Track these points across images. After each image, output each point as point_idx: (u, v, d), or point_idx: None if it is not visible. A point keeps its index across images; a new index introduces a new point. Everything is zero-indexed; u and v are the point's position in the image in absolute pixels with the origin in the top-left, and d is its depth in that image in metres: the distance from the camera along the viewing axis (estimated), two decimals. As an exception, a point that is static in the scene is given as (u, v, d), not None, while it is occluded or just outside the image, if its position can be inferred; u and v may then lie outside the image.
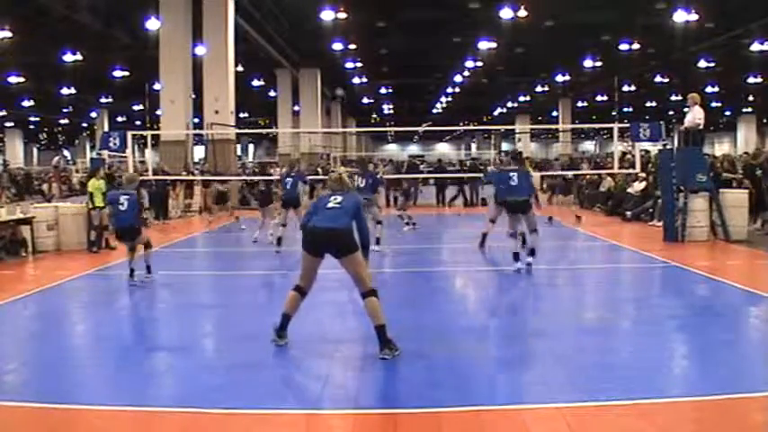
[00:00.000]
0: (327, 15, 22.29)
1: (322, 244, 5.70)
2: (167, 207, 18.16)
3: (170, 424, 4.40)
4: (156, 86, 24.15)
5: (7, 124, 50.63)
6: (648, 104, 48.70)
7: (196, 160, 24.38)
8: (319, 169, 29.85)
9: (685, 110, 13.75)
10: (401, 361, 5.47)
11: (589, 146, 67.81)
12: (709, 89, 38.13)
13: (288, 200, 11.98)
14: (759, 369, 5.26)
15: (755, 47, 26.13)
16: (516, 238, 9.43)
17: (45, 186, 26.81)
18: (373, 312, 5.56)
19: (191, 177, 19.42)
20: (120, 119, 47.64)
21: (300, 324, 6.87)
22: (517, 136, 50.37)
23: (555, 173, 16.06)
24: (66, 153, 54.73)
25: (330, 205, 5.75)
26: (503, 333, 6.40)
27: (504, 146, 52.83)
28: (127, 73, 30.27)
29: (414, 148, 71.20)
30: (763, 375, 5.07)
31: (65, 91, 35.36)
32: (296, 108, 37.51)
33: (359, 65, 33.98)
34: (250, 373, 5.26)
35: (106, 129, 39.92)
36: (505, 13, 22.06)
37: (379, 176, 12.40)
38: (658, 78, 36.68)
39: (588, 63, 31.83)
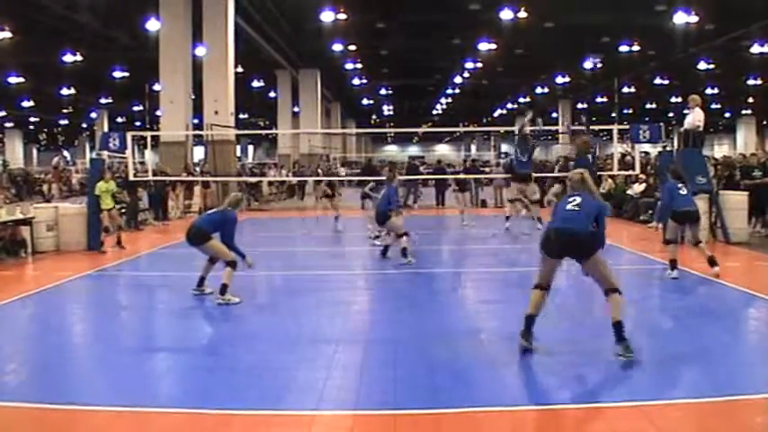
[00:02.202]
0: (327, 16, 22.31)
1: (562, 247, 5.68)
2: (167, 208, 18.15)
3: (169, 424, 4.40)
4: (156, 87, 24.17)
5: (7, 125, 50.68)
6: (648, 106, 48.73)
7: (196, 161, 24.37)
8: (319, 170, 29.92)
9: (685, 111, 13.76)
10: (400, 361, 5.48)
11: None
12: (708, 91, 38.17)
13: None
14: (759, 371, 5.26)
15: (755, 49, 26.16)
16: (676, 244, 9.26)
17: (45, 187, 26.83)
18: (614, 308, 5.56)
19: (190, 178, 19.41)
20: (119, 119, 47.67)
21: (300, 324, 6.88)
22: (516, 137, 50.29)
23: (555, 174, 15.99)
24: (66, 154, 54.71)
25: (569, 207, 5.72)
26: (502, 334, 6.39)
27: (504, 147, 52.84)
28: (127, 73, 30.29)
29: (413, 150, 71.27)
30: (763, 377, 5.07)
31: (65, 91, 35.38)
32: (296, 109, 37.52)
33: (359, 66, 34.00)
34: (250, 374, 5.27)
35: (106, 129, 39.93)
36: (505, 15, 22.08)
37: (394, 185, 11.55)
38: (658, 80, 36.70)
39: (588, 64, 31.87)
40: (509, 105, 50.62)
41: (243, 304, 7.65)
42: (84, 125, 53.13)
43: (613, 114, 39.67)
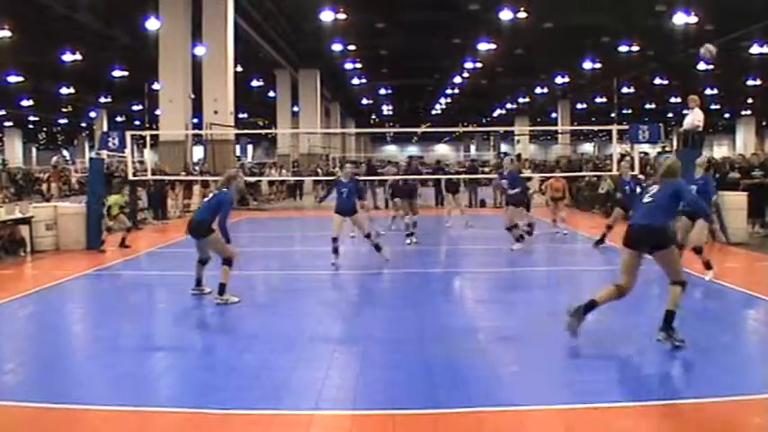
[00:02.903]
0: (327, 16, 22.32)
1: (639, 240, 5.86)
2: (166, 207, 18.16)
3: (168, 424, 4.40)
4: (156, 86, 24.17)
5: (6, 124, 50.65)
6: (648, 106, 48.78)
7: (195, 160, 24.38)
8: (319, 170, 29.93)
9: (684, 112, 13.74)
10: (399, 362, 5.48)
11: (588, 147, 67.85)
12: (708, 91, 38.19)
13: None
14: (758, 371, 5.26)
15: (755, 49, 26.20)
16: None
17: (44, 186, 26.81)
18: (672, 298, 5.79)
19: (190, 178, 19.41)
20: (119, 119, 47.66)
21: (299, 324, 6.88)
22: (516, 137, 50.43)
23: (556, 175, 15.97)
24: (65, 153, 54.72)
25: (646, 199, 5.91)
26: (501, 334, 6.39)
27: (504, 147, 52.88)
28: (126, 73, 30.30)
29: (413, 149, 71.29)
30: (762, 377, 5.08)
31: (64, 91, 35.38)
32: (295, 109, 37.53)
33: (358, 66, 34.03)
34: (248, 374, 5.26)
35: (105, 128, 39.91)
36: (505, 15, 22.10)
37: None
38: (657, 80, 36.74)
39: (588, 65, 31.88)
40: (509, 105, 50.66)
41: (241, 304, 7.65)
42: (84, 124, 53.11)
43: (613, 115, 39.70)
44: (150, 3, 20.72)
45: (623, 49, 27.97)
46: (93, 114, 46.64)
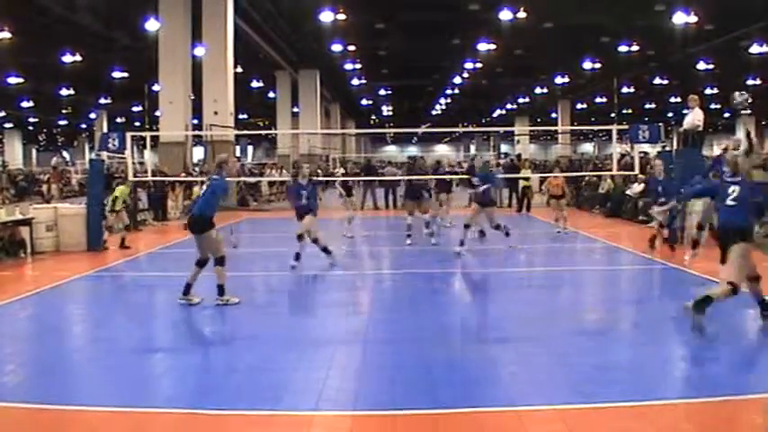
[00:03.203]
0: (327, 17, 22.31)
1: (725, 239, 6.29)
2: (166, 208, 18.15)
3: (167, 424, 4.40)
4: (156, 87, 24.16)
5: (6, 125, 50.64)
6: (647, 106, 48.74)
7: (195, 161, 24.39)
8: (319, 171, 29.93)
9: (684, 112, 13.74)
10: (399, 362, 5.48)
11: (588, 147, 67.84)
12: (708, 91, 38.16)
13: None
14: (757, 371, 5.27)
15: (754, 49, 26.17)
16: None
17: (44, 187, 26.82)
18: (752, 291, 6.39)
19: (190, 179, 19.40)
20: (119, 120, 47.63)
21: (298, 324, 6.88)
22: (516, 137, 50.42)
23: (555, 174, 15.94)
24: (65, 154, 54.73)
25: (729, 202, 6.27)
26: (501, 334, 6.39)
27: (504, 147, 52.84)
28: (126, 74, 30.29)
29: (413, 150, 71.24)
30: (762, 377, 5.08)
31: (64, 92, 35.38)
32: (295, 109, 37.53)
33: (358, 66, 34.00)
34: (248, 374, 5.26)
35: (105, 130, 39.91)
36: (505, 15, 22.07)
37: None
38: (657, 80, 36.72)
39: (587, 65, 31.86)
40: (508, 105, 50.65)
41: (241, 304, 7.65)
42: (84, 125, 53.09)
43: (613, 114, 39.68)
44: (150, 4, 20.72)
45: (623, 48, 27.94)
46: (93, 115, 46.63)
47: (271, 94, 38.09)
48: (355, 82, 38.59)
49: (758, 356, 5.77)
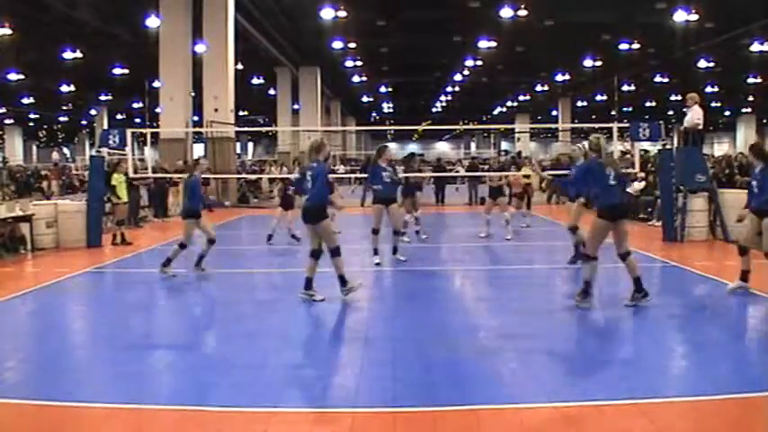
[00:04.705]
0: (327, 14, 22.28)
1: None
2: (167, 205, 18.15)
3: (168, 422, 4.41)
4: (156, 84, 24.16)
5: (7, 121, 50.60)
6: (648, 104, 48.72)
7: (196, 158, 24.37)
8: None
9: (685, 110, 13.74)
10: (399, 360, 5.49)
11: (589, 145, 67.67)
12: (708, 89, 38.14)
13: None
14: (758, 369, 5.27)
15: (755, 47, 26.16)
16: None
17: (44, 183, 26.81)
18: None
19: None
20: (119, 116, 47.63)
21: (299, 322, 6.89)
22: (517, 135, 50.37)
23: (558, 172, 15.94)
24: (65, 150, 54.71)
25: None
26: (501, 332, 6.40)
27: (504, 145, 52.82)
28: (126, 70, 30.28)
29: (413, 147, 71.18)
30: (762, 375, 5.08)
31: (64, 88, 35.33)
32: (295, 106, 37.50)
33: (359, 63, 33.97)
34: (249, 372, 5.27)
35: (106, 126, 39.90)
36: (505, 13, 22.04)
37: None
38: (658, 78, 36.68)
39: (588, 62, 31.84)
40: (509, 103, 50.61)
41: (241, 302, 7.66)
42: (84, 122, 53.06)
43: (613, 112, 39.65)
44: (151, 0, 20.70)
45: (624, 46, 27.93)
46: (93, 112, 46.61)
47: (271, 91, 38.06)
48: (356, 79, 38.54)
49: (760, 355, 5.76)
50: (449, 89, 44.56)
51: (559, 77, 37.12)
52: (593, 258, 7.23)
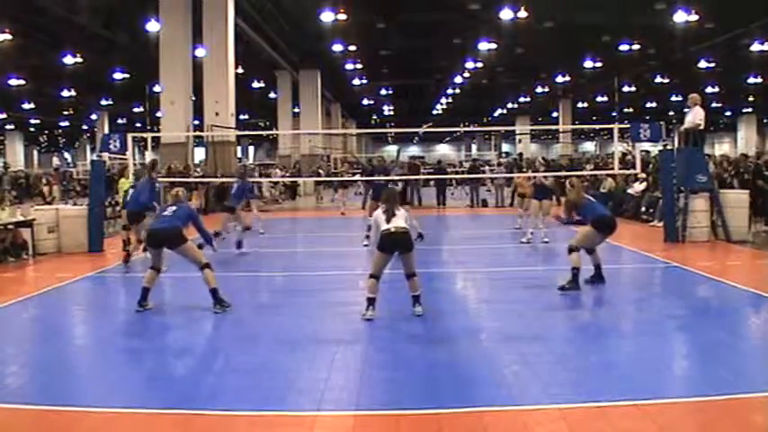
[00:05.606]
0: (327, 17, 22.29)
1: None
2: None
3: (169, 425, 4.40)
4: (157, 88, 24.16)
5: (8, 127, 50.68)
6: (649, 105, 48.68)
7: (197, 162, 24.40)
8: (320, 170, 29.94)
9: (685, 110, 13.74)
10: (401, 362, 5.48)
11: (589, 146, 67.83)
12: (709, 89, 38.12)
13: None
14: (759, 369, 5.26)
15: (755, 47, 26.14)
16: None
17: (45, 189, 26.84)
18: None
19: (190, 179, 19.39)
20: (120, 121, 47.67)
21: (301, 325, 6.88)
22: (517, 137, 50.38)
23: (554, 174, 15.91)
24: (66, 155, 54.76)
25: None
26: (503, 334, 6.39)
27: (505, 147, 52.84)
28: (127, 75, 30.30)
29: (414, 149, 71.26)
30: (764, 375, 5.07)
31: (65, 93, 35.38)
32: (296, 109, 37.52)
33: (359, 66, 33.97)
34: (251, 375, 5.27)
35: (106, 131, 39.92)
36: (505, 15, 22.04)
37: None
38: (658, 79, 36.65)
39: (588, 64, 31.83)
40: (509, 105, 50.62)
41: (243, 305, 7.64)
42: (85, 127, 53.12)
43: (614, 113, 39.64)
44: (150, 5, 20.72)
45: (624, 47, 27.91)
46: (94, 117, 46.65)
47: (271, 95, 38.09)
48: (356, 82, 38.57)
49: (761, 355, 5.75)
50: (449, 91, 44.57)
51: (560, 79, 37.12)
52: (577, 250, 8.08)
